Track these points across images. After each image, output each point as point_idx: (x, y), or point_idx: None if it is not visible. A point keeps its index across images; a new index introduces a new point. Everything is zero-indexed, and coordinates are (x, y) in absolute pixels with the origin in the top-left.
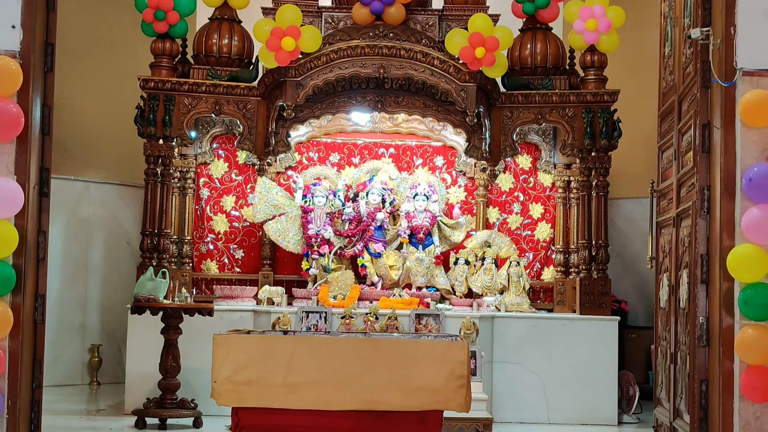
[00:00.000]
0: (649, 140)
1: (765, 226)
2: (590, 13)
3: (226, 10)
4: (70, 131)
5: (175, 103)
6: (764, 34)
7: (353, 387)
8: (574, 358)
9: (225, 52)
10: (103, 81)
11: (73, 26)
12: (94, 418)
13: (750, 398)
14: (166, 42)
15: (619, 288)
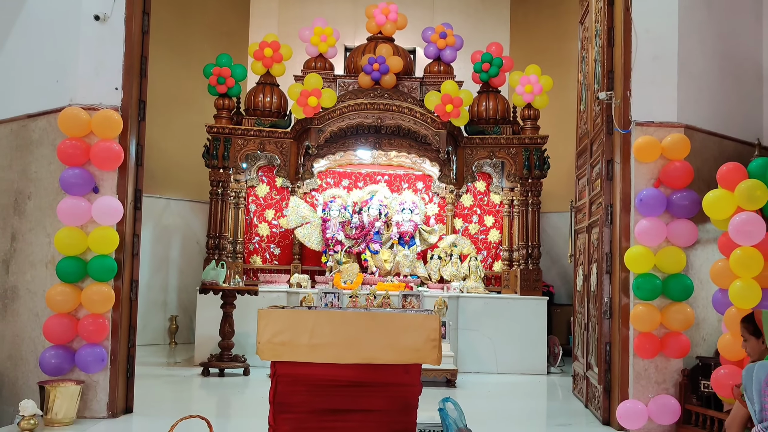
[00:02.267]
0: (569, 171)
1: (651, 232)
2: (528, 80)
3: (268, 77)
4: (156, 163)
5: (231, 143)
6: (650, 97)
7: (357, 347)
8: (516, 326)
9: (267, 107)
10: (180, 127)
11: (160, 88)
12: (173, 369)
13: (640, 356)
14: (225, 99)
15: (547, 276)
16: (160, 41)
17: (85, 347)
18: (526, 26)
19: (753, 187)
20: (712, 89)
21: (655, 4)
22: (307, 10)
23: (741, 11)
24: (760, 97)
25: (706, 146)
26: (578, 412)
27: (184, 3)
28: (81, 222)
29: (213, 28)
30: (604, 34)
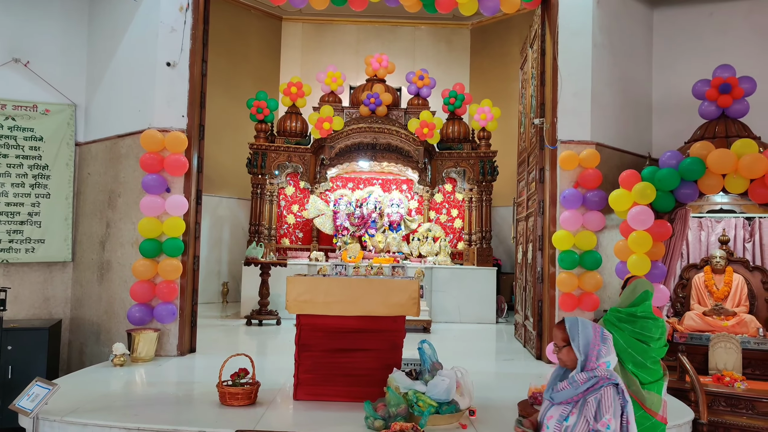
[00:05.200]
0: (512, 176)
1: (571, 221)
2: (483, 110)
3: (294, 108)
4: (213, 171)
5: (267, 156)
6: (571, 122)
7: (359, 303)
8: (473, 289)
9: (293, 130)
10: (230, 144)
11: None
12: (225, 320)
13: (563, 309)
14: (263, 124)
15: (497, 253)
16: (217, 82)
17: (160, 305)
18: (482, 71)
19: (645, 187)
20: (616, 116)
21: (574, 54)
22: (322, 59)
23: (636, 58)
24: (650, 122)
25: (611, 158)
26: (518, 351)
27: (234, 53)
28: (157, 213)
29: (253, 72)
30: (538, 77)
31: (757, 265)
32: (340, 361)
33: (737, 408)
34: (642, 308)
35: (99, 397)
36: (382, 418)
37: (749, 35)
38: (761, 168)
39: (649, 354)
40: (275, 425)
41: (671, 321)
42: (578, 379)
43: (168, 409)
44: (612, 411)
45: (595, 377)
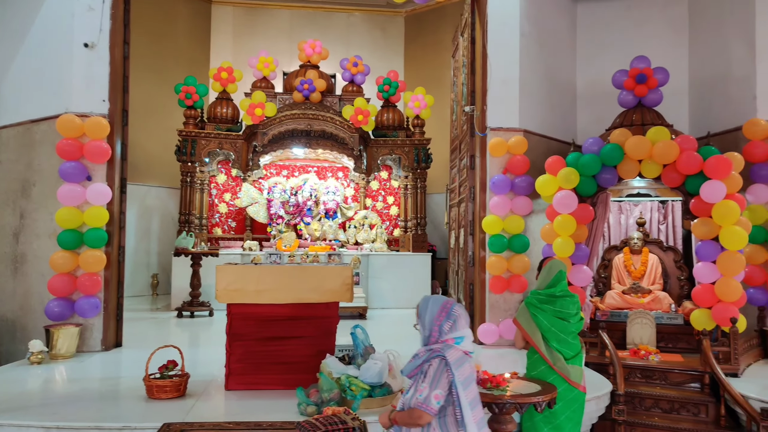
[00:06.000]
0: (445, 163)
1: (500, 206)
2: (416, 98)
3: (225, 94)
4: (139, 159)
5: (197, 143)
6: (500, 110)
7: (291, 291)
8: (409, 274)
9: (224, 116)
10: (157, 131)
11: (142, 101)
12: (155, 313)
13: (493, 292)
14: (192, 110)
15: (431, 239)
16: (142, 65)
17: (82, 298)
18: (416, 59)
19: (569, 172)
20: (542, 104)
21: (503, 44)
22: (254, 44)
23: (562, 49)
24: (575, 111)
25: (538, 145)
26: None
27: (160, 36)
28: (77, 203)
29: (182, 57)
30: (469, 65)
31: (670, 245)
32: (273, 350)
33: (651, 379)
34: (559, 288)
35: (15, 396)
36: (315, 404)
37: (664, 28)
38: (673, 154)
39: (569, 329)
40: (206, 416)
41: (594, 300)
42: (419, 353)
43: (91, 406)
44: (429, 381)
45: (430, 350)
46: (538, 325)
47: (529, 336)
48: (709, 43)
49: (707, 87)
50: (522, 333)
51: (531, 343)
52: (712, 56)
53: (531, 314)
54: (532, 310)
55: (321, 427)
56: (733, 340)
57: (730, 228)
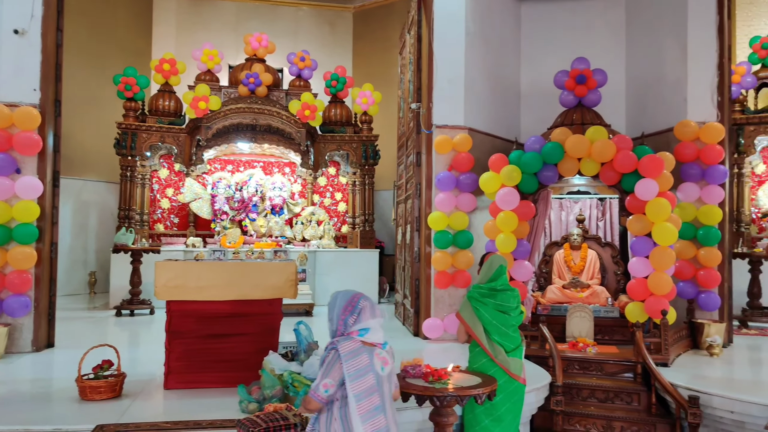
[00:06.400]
0: (393, 160)
1: (446, 202)
2: (364, 94)
3: (167, 86)
4: (75, 152)
5: (137, 136)
6: (446, 107)
7: (233, 287)
8: (357, 270)
9: (166, 109)
10: (95, 123)
11: (78, 91)
12: (92, 312)
13: (438, 287)
14: (132, 102)
15: (380, 235)
16: (78, 55)
17: (11, 297)
18: (365, 55)
19: (511, 170)
20: (487, 103)
21: (449, 42)
22: (198, 36)
23: (506, 48)
24: (519, 109)
25: (482, 142)
26: (398, 328)
27: (99, 25)
28: (5, 197)
29: (122, 47)
30: (415, 62)
31: (608, 242)
32: (214, 347)
33: (588, 370)
34: (500, 282)
35: None
36: (257, 401)
37: (603, 31)
38: (610, 153)
39: (510, 323)
40: (142, 417)
41: (535, 295)
42: (327, 345)
43: (20, 408)
44: (322, 371)
45: (330, 342)
46: (479, 318)
47: (471, 329)
48: (645, 46)
49: (642, 89)
50: (464, 326)
51: (473, 337)
52: (647, 59)
53: (473, 308)
54: (474, 303)
55: (262, 424)
56: (663, 332)
57: (662, 224)
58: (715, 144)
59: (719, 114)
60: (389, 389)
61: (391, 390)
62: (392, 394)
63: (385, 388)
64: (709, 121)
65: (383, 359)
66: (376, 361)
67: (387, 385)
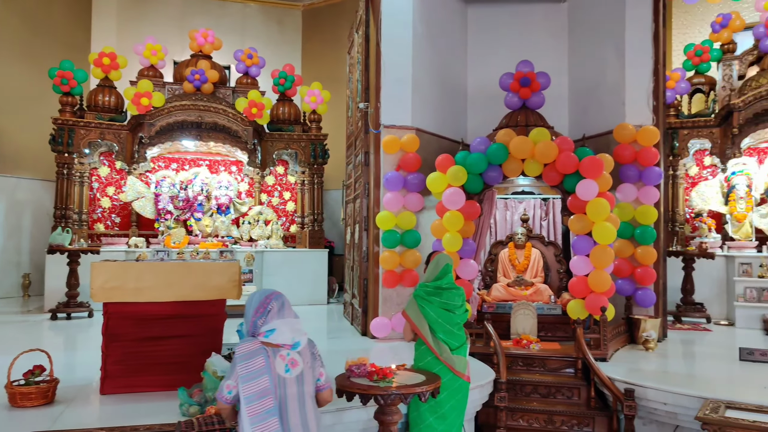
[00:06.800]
0: (343, 159)
1: (393, 202)
2: (313, 93)
3: (107, 81)
4: (8, 148)
5: (75, 133)
6: (393, 107)
7: (174, 288)
8: (306, 271)
9: (106, 105)
10: (29, 119)
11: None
12: (26, 315)
13: (386, 286)
14: (69, 97)
15: (330, 235)
16: (11, 47)
17: None
18: (314, 54)
19: (457, 170)
20: (434, 103)
21: (397, 42)
22: (141, 30)
23: (453, 50)
24: (465, 111)
25: (430, 143)
26: (346, 328)
27: (33, 16)
28: None
29: (60, 40)
30: (363, 62)
31: (551, 240)
32: (154, 350)
33: (532, 367)
34: (446, 280)
35: None
36: (198, 404)
37: (547, 35)
38: (552, 154)
39: (455, 321)
40: (76, 423)
41: (481, 293)
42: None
43: None
44: (227, 372)
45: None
46: (425, 316)
47: (417, 327)
48: (586, 51)
49: (584, 92)
50: (410, 325)
51: (419, 335)
52: (588, 64)
53: (419, 306)
54: (420, 302)
55: (196, 427)
56: (602, 328)
57: (602, 224)
58: (651, 146)
59: (655, 118)
60: (299, 391)
61: (306, 392)
62: (311, 395)
63: (290, 390)
64: (645, 125)
65: (291, 360)
66: (278, 362)
67: (295, 387)
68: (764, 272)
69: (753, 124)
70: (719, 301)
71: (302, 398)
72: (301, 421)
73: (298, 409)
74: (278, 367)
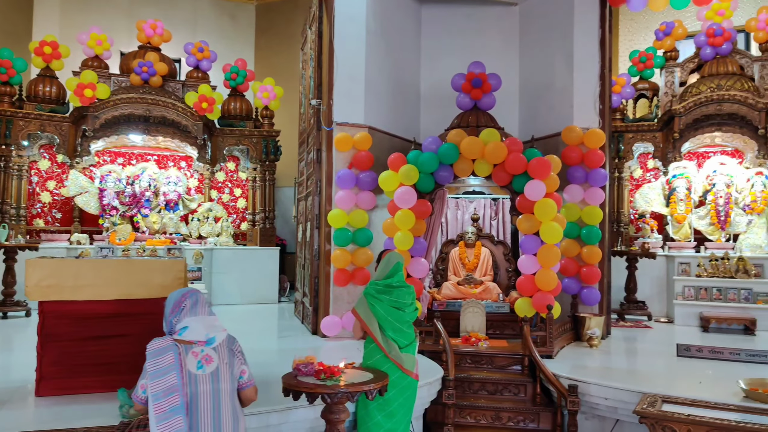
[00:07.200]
0: (295, 156)
1: (345, 200)
2: (265, 89)
3: (48, 71)
4: None
5: (13, 124)
6: (346, 105)
7: (116, 286)
8: (256, 269)
9: (47, 95)
10: None
11: None
12: None
13: (338, 285)
14: (7, 87)
15: (282, 233)
16: None
17: None
18: (268, 50)
19: (409, 169)
20: (387, 102)
21: (350, 40)
22: (86, 18)
23: (407, 49)
24: (419, 110)
25: (382, 141)
26: (297, 327)
27: None
28: None
29: None
30: (316, 59)
31: (500, 240)
32: (93, 350)
33: (480, 364)
34: (396, 278)
35: None
36: None
37: (498, 38)
38: (502, 155)
39: (404, 319)
40: (11, 427)
41: (431, 291)
42: None
43: None
44: (142, 373)
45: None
46: (375, 314)
47: (366, 325)
48: (536, 54)
49: (534, 94)
50: (360, 323)
51: (368, 333)
52: (538, 67)
53: (369, 304)
54: (370, 300)
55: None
56: (549, 326)
57: (549, 224)
58: (597, 149)
59: (601, 121)
60: (213, 388)
61: (222, 389)
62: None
63: (203, 387)
64: (592, 128)
65: (205, 357)
66: (190, 359)
67: (209, 384)
68: (701, 271)
69: (693, 129)
70: (660, 299)
71: (217, 396)
72: (213, 420)
73: (212, 407)
74: (190, 363)
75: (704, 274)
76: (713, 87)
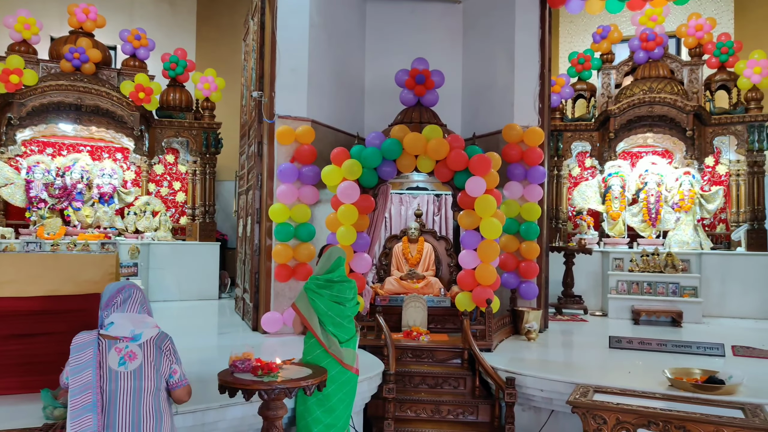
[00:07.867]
0: (236, 149)
1: (287, 194)
2: (207, 80)
3: None
4: None
5: None
6: (288, 97)
7: (41, 282)
8: (196, 265)
9: None
10: None
11: None
12: None
13: (279, 280)
14: None
15: (223, 227)
16: None
17: None
18: (210, 40)
19: (352, 164)
20: (331, 96)
21: (293, 31)
22: (14, 1)
23: (351, 44)
24: (363, 105)
25: (326, 135)
26: (237, 324)
27: None
28: None
29: None
30: (258, 50)
31: (442, 235)
32: (15, 349)
33: (421, 358)
34: (337, 273)
35: None
36: (64, 406)
37: (443, 35)
38: (444, 151)
39: (345, 314)
40: None
41: (374, 286)
42: None
43: None
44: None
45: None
46: (315, 309)
47: (307, 320)
48: (479, 53)
49: (476, 92)
50: (300, 317)
51: (308, 327)
52: (480, 65)
53: (309, 299)
54: (311, 295)
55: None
56: (488, 320)
57: (489, 220)
58: (537, 147)
59: (540, 119)
60: (135, 386)
61: (144, 387)
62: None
63: (123, 384)
64: (532, 126)
65: (129, 353)
66: (112, 355)
67: (131, 381)
68: (633, 266)
69: (627, 130)
70: (595, 294)
71: (138, 394)
72: (132, 418)
73: (132, 405)
74: (111, 360)
75: (636, 269)
76: (645, 89)
